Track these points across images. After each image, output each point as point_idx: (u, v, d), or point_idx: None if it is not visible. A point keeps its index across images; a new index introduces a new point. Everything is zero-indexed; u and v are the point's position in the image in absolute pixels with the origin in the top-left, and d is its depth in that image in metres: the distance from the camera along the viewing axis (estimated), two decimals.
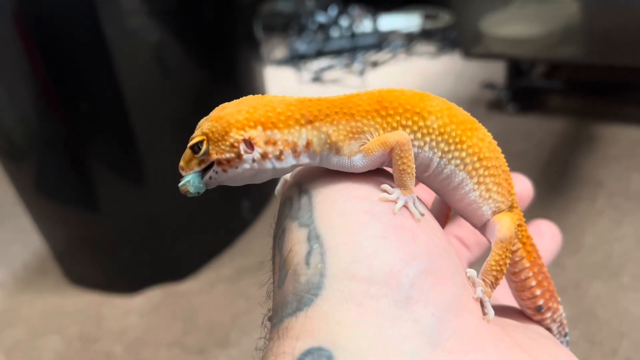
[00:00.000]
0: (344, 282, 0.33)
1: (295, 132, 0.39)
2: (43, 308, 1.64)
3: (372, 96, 0.39)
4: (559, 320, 0.46)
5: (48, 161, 1.52)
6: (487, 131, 0.42)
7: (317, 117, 0.39)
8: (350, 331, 0.31)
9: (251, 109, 0.39)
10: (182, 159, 0.40)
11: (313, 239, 0.35)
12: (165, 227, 1.62)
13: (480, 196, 0.41)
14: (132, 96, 1.42)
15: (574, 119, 2.18)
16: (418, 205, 0.37)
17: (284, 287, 0.36)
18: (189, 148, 0.39)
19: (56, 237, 1.70)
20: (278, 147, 0.38)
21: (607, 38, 1.86)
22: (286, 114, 0.39)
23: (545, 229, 0.59)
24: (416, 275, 0.33)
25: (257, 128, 0.38)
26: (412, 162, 0.38)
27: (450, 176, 0.40)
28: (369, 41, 3.07)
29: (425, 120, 0.39)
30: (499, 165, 0.42)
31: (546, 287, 0.44)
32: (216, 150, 0.38)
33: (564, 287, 1.41)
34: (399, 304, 0.32)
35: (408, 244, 0.35)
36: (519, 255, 0.43)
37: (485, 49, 2.11)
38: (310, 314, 0.33)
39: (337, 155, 0.38)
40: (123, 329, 1.52)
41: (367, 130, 0.39)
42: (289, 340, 0.33)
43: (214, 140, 0.38)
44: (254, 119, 0.38)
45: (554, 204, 1.71)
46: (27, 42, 1.33)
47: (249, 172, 0.39)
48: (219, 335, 1.45)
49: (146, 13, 1.41)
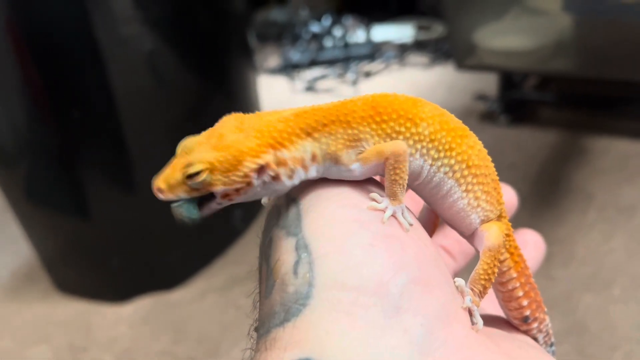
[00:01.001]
0: (332, 292, 0.33)
1: (300, 147, 0.38)
2: (32, 317, 1.63)
3: (367, 102, 0.39)
4: (545, 331, 0.46)
5: (39, 168, 1.51)
6: (478, 139, 0.42)
7: (316, 129, 0.38)
8: (339, 341, 0.31)
9: (258, 133, 0.37)
10: (162, 180, 0.37)
11: (301, 248, 0.35)
12: (156, 236, 1.61)
13: (468, 204, 0.41)
14: (125, 104, 1.42)
15: (566, 131, 2.20)
16: (407, 215, 0.37)
17: (272, 297, 0.35)
18: (181, 174, 0.37)
19: (46, 245, 1.68)
20: (289, 166, 0.37)
21: (599, 51, 1.88)
22: (287, 130, 0.38)
23: (530, 238, 0.59)
24: (405, 285, 0.33)
25: (268, 151, 0.37)
26: (405, 173, 0.37)
27: (439, 184, 0.40)
28: (362, 51, 3.09)
29: (417, 127, 0.39)
30: (489, 174, 0.41)
31: (533, 297, 0.44)
32: (224, 181, 0.36)
33: (555, 300, 1.41)
34: (388, 313, 0.32)
35: (397, 253, 0.34)
36: (507, 266, 0.43)
37: (478, 61, 2.12)
38: (298, 325, 0.32)
39: (336, 165, 0.38)
40: (112, 338, 1.50)
41: (364, 137, 0.38)
42: (276, 351, 0.32)
43: (221, 170, 0.36)
44: (265, 142, 0.37)
45: (545, 216, 1.72)
46: (20, 49, 1.32)
47: (255, 195, 0.38)
48: (209, 345, 1.44)
49: (139, 21, 1.40)
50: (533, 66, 2.07)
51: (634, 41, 1.77)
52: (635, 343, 1.29)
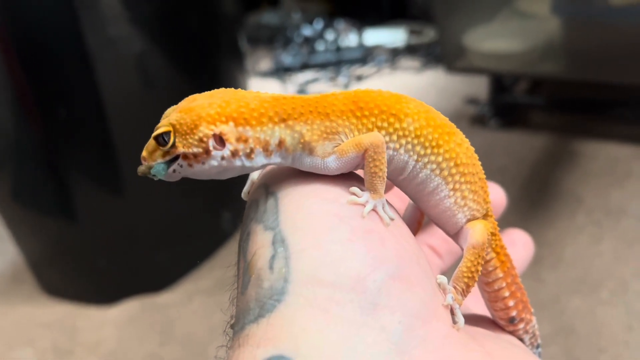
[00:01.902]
0: (308, 287, 0.32)
1: (268, 130, 0.37)
2: (16, 319, 1.61)
3: (348, 96, 0.38)
4: (531, 332, 0.45)
5: (25, 169, 1.49)
6: (465, 137, 0.41)
7: (291, 116, 0.37)
8: (314, 338, 0.30)
9: (223, 103, 0.37)
10: (145, 149, 0.38)
11: (278, 243, 0.34)
12: (143, 238, 1.60)
13: (455, 203, 0.40)
14: (113, 104, 1.41)
15: (555, 135, 2.21)
16: (387, 210, 0.36)
17: (247, 293, 0.34)
18: (153, 138, 0.37)
19: (32, 247, 1.66)
20: (249, 144, 0.37)
21: (587, 54, 1.89)
22: (259, 110, 0.37)
23: (518, 238, 0.58)
24: (384, 281, 0.32)
25: (228, 124, 0.36)
26: (384, 165, 0.36)
27: (425, 181, 0.39)
28: (354, 55, 3.09)
29: (401, 123, 0.38)
30: (476, 172, 0.40)
31: (519, 297, 0.43)
32: (183, 143, 0.36)
33: (543, 302, 1.41)
34: (365, 310, 0.31)
35: (376, 248, 0.34)
36: (493, 265, 0.42)
37: (468, 64, 2.13)
38: (272, 321, 0.31)
39: (310, 155, 0.37)
40: (98, 340, 1.49)
41: (342, 130, 0.37)
42: (249, 347, 0.31)
43: (181, 132, 0.36)
44: (226, 113, 0.36)
45: (534, 219, 1.72)
46: (6, 48, 1.31)
47: (215, 169, 0.37)
48: (196, 348, 1.43)
49: (128, 21, 1.39)
50: (522, 69, 2.08)
51: (622, 44, 1.78)
52: (622, 346, 1.29)
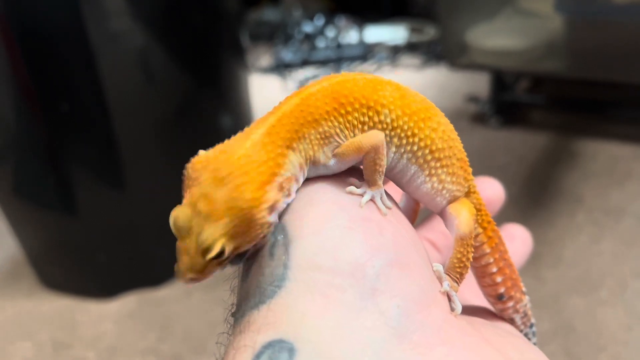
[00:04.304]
0: (308, 273, 0.32)
1: (290, 165, 0.36)
2: (15, 313, 1.60)
3: (326, 93, 0.37)
4: (522, 311, 0.45)
5: (26, 163, 1.49)
6: (443, 117, 0.41)
7: (292, 139, 0.36)
8: (313, 323, 0.30)
9: (245, 177, 0.34)
10: (188, 270, 0.34)
11: (278, 231, 0.34)
12: (143, 233, 1.60)
13: (432, 188, 0.40)
14: (115, 99, 1.40)
15: (556, 134, 2.21)
16: (385, 200, 0.37)
17: (248, 281, 0.35)
18: (204, 258, 0.33)
19: (32, 241, 1.66)
20: (286, 188, 0.35)
21: (590, 52, 1.89)
22: (270, 157, 0.35)
23: (517, 233, 0.58)
24: (382, 267, 0.33)
25: (268, 189, 0.34)
26: (384, 162, 0.37)
27: (403, 170, 0.40)
28: (355, 52, 3.09)
29: (379, 115, 0.38)
30: (453, 155, 0.40)
31: (508, 274, 0.43)
32: (247, 240, 0.34)
33: (542, 300, 1.41)
34: (364, 295, 0.32)
35: (374, 235, 0.34)
36: (480, 241, 0.42)
37: (470, 60, 2.12)
38: (272, 307, 0.32)
39: (315, 165, 0.37)
40: (97, 335, 1.49)
41: (334, 132, 0.37)
42: (250, 333, 0.32)
43: (239, 234, 0.33)
44: (263, 182, 0.34)
45: (534, 218, 1.72)
46: (9, 42, 1.31)
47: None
48: (195, 342, 1.43)
49: (130, 16, 1.39)
50: (524, 66, 2.08)
51: (625, 42, 1.78)
52: (622, 345, 1.29)
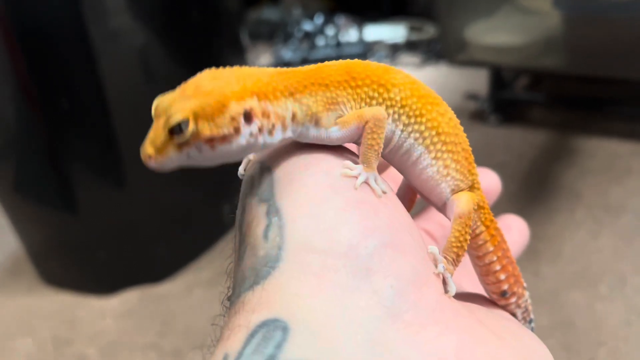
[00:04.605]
0: (302, 254, 0.32)
1: (283, 104, 0.37)
2: (16, 309, 1.61)
3: (341, 67, 0.39)
4: (524, 306, 0.45)
5: (26, 161, 1.49)
6: (450, 109, 0.41)
7: (297, 89, 0.38)
8: (307, 302, 0.31)
9: (241, 79, 0.36)
10: (148, 145, 0.35)
11: (272, 213, 0.34)
12: (143, 229, 1.60)
13: (437, 172, 0.40)
14: (115, 97, 1.41)
15: (555, 131, 2.21)
16: (380, 183, 0.37)
17: (243, 263, 0.35)
18: (165, 130, 0.34)
19: (32, 238, 1.67)
20: (271, 120, 0.36)
21: (588, 48, 1.89)
22: (272, 85, 0.37)
23: (513, 223, 0.58)
24: (376, 248, 0.33)
25: (253, 98, 0.36)
26: (381, 140, 0.37)
27: (409, 150, 0.40)
28: (354, 51, 3.09)
29: (389, 92, 0.39)
30: (459, 142, 0.41)
31: (511, 271, 0.44)
32: (211, 127, 0.34)
33: (542, 296, 1.42)
34: (357, 275, 0.32)
35: (369, 217, 0.34)
36: (482, 239, 0.42)
37: (469, 57, 2.13)
38: (267, 287, 0.32)
39: (316, 127, 0.38)
40: (98, 331, 1.49)
41: (341, 100, 0.38)
42: (244, 313, 0.32)
43: (206, 116, 0.34)
44: (249, 89, 0.36)
45: (534, 214, 1.72)
46: (9, 40, 1.31)
47: (240, 148, 0.36)
48: (196, 338, 1.43)
49: (131, 14, 1.40)
50: (523, 63, 2.09)
51: (623, 39, 1.78)
52: (621, 340, 1.30)
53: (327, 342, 0.30)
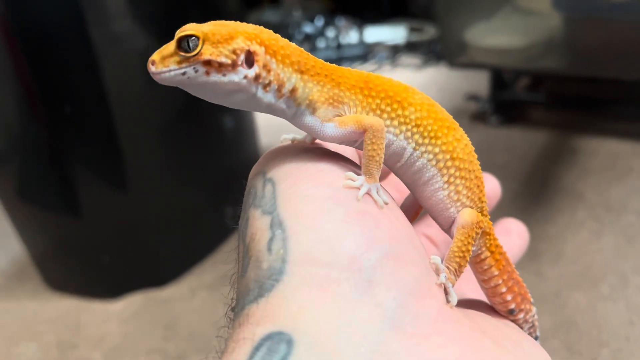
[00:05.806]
0: (305, 267, 0.33)
1: (288, 72, 0.39)
2: (20, 314, 1.61)
3: (361, 75, 0.40)
4: (530, 321, 0.46)
5: (30, 165, 1.50)
6: (466, 136, 0.42)
7: (309, 71, 0.39)
8: (311, 315, 0.31)
9: (257, 30, 0.38)
10: (156, 53, 0.37)
11: (276, 225, 0.35)
12: (147, 233, 1.61)
13: (448, 196, 0.41)
14: (117, 101, 1.41)
15: (556, 131, 2.21)
16: (382, 194, 0.37)
17: (247, 275, 0.35)
18: (176, 41, 0.37)
19: (36, 242, 1.67)
20: (270, 76, 0.38)
21: (588, 50, 1.89)
22: (287, 51, 0.39)
23: (513, 227, 0.59)
24: (378, 259, 0.33)
25: (261, 47, 0.38)
26: (382, 150, 0.38)
27: (421, 170, 0.40)
28: (355, 52, 3.10)
29: (404, 110, 0.39)
30: (472, 170, 0.41)
31: (517, 291, 0.44)
32: (212, 50, 0.36)
33: (544, 296, 1.42)
34: (360, 287, 0.32)
35: (371, 229, 0.35)
36: (488, 264, 0.43)
37: (469, 59, 2.13)
38: (271, 300, 0.33)
39: (312, 115, 0.39)
40: (102, 335, 1.50)
41: (347, 102, 0.39)
42: (249, 326, 0.32)
43: (213, 40, 0.37)
44: (261, 37, 0.38)
45: (535, 215, 1.73)
46: (12, 44, 1.31)
47: (231, 86, 0.38)
48: (199, 342, 1.44)
49: (133, 18, 1.40)
50: (523, 64, 2.09)
51: (622, 40, 1.78)
52: (623, 340, 1.30)
53: (331, 354, 0.30)
